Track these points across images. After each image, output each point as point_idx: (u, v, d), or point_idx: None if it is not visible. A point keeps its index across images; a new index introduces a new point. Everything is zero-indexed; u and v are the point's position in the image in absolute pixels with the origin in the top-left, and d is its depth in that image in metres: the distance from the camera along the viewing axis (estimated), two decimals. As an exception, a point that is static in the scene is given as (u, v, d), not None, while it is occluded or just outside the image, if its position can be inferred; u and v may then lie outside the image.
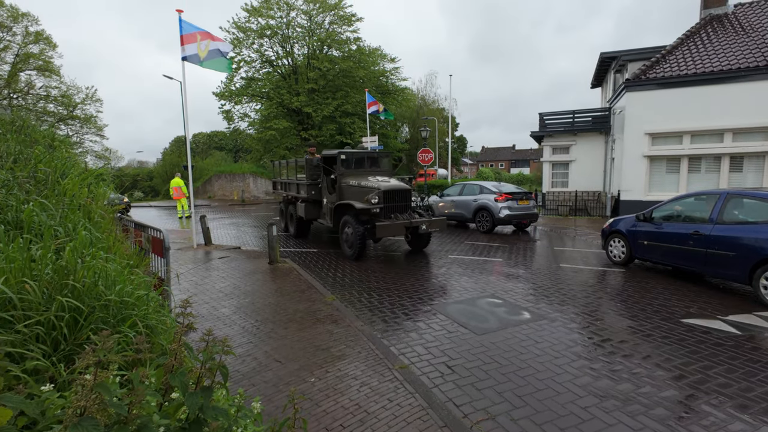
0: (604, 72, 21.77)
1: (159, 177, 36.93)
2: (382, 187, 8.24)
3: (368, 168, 9.78)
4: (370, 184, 8.48)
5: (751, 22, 14.96)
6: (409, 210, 8.80)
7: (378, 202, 8.08)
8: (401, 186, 8.68)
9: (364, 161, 9.88)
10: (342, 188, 9.21)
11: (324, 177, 9.84)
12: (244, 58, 30.63)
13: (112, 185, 5.48)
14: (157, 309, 2.45)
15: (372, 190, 8.29)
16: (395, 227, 8.17)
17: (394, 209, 8.56)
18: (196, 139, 58.01)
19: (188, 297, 5.77)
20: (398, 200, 8.60)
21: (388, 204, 8.37)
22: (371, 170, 9.68)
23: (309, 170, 10.16)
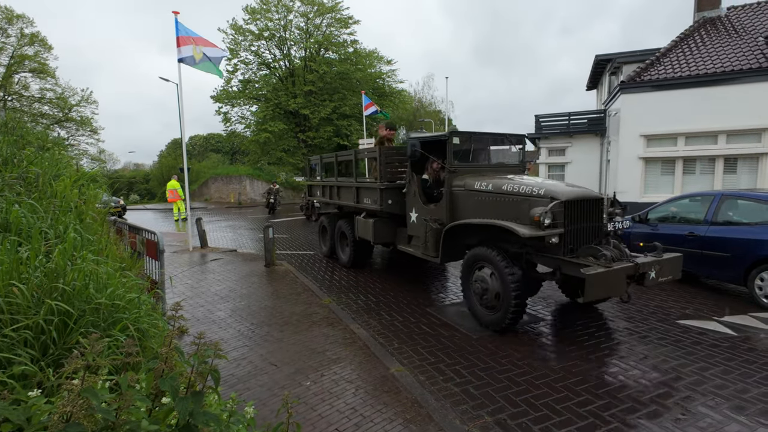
0: (599, 74, 21.90)
1: (155, 179, 36.79)
2: (560, 195, 4.39)
3: (490, 162, 6.09)
4: (524, 189, 4.68)
5: (744, 25, 15.11)
6: (604, 236, 4.73)
7: (554, 222, 4.23)
8: (589, 193, 4.72)
9: (485, 150, 6.20)
10: (456, 196, 5.40)
11: (412, 177, 6.09)
12: (242, 60, 30.62)
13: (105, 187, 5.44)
14: (149, 312, 2.42)
15: (535, 200, 4.49)
16: (614, 278, 4.03)
17: (581, 235, 4.53)
18: (193, 142, 57.84)
19: (182, 300, 5.72)
20: (587, 219, 4.59)
21: (574, 225, 4.45)
22: (497, 167, 5.98)
23: (384, 165, 6.52)
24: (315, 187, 9.90)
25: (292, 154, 30.51)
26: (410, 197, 6.22)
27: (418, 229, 5.99)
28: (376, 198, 6.60)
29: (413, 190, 6.12)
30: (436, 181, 6.11)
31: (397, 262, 8.68)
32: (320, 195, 9.40)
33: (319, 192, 9.43)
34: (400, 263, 8.52)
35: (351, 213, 7.93)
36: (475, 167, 5.81)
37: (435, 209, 5.72)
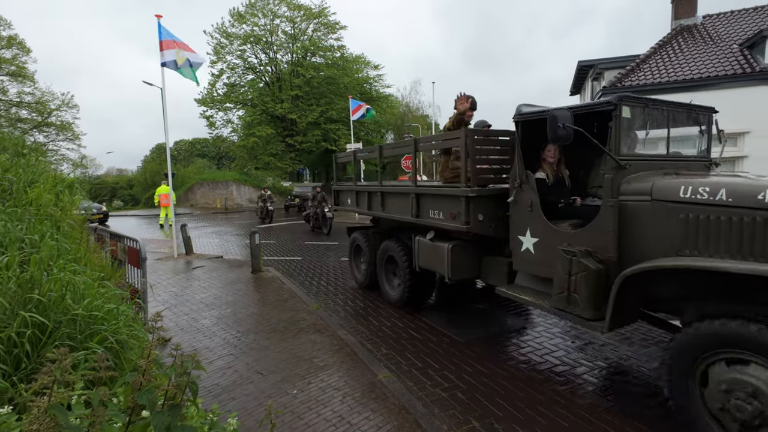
0: (582, 80, 22.35)
1: (139, 185, 36.13)
2: None
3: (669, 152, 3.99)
4: None
5: (719, 33, 15.61)
6: None
7: None
8: None
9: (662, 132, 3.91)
10: (635, 211, 3.11)
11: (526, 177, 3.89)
12: (228, 64, 30.41)
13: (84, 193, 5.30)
14: (129, 323, 2.36)
15: None
16: None
17: None
18: (178, 147, 57.08)
19: (166, 308, 5.61)
20: None
21: None
22: (674, 160, 3.99)
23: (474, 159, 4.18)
24: (344, 194, 7.41)
25: (280, 159, 30.34)
26: (522, 211, 3.85)
27: (543, 265, 3.64)
28: (457, 211, 4.20)
29: (529, 200, 3.75)
30: (558, 182, 4.02)
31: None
32: (352, 203, 7.00)
33: (351, 200, 7.02)
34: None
35: (399, 229, 5.88)
36: (658, 160, 3.63)
37: (582, 234, 3.35)
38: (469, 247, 4.57)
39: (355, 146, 20.22)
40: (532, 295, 3.84)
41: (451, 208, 4.37)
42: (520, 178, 3.87)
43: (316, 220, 14.20)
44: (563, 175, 4.17)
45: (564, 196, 4.03)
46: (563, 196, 4.02)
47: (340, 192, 7.66)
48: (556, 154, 4.07)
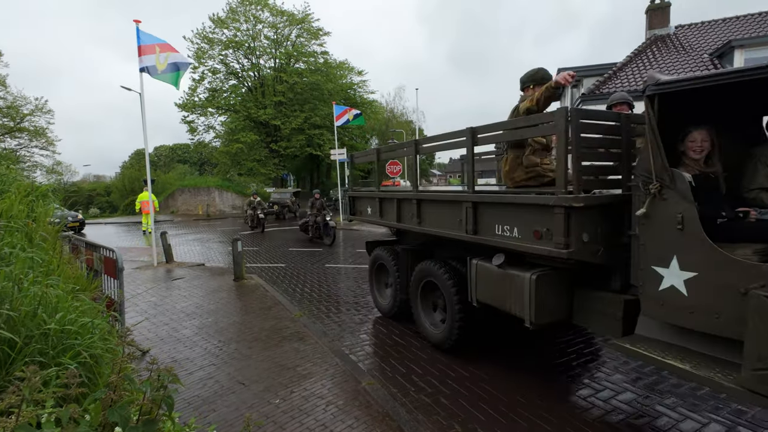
0: (561, 87, 22.88)
1: (117, 192, 35.22)
2: None
3: None
4: None
5: (690, 43, 16.26)
6: None
7: None
8: None
9: None
10: None
11: (672, 178, 2.54)
12: (209, 69, 30.08)
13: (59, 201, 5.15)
14: (104, 336, 2.30)
15: None
16: None
17: None
18: (158, 152, 55.98)
19: (144, 319, 5.48)
20: None
21: None
22: None
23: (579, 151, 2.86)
24: (363, 201, 6.01)
25: (263, 165, 30.08)
26: (662, 230, 2.62)
27: (704, 314, 2.41)
28: (546, 228, 2.99)
29: (676, 213, 2.53)
30: (710, 185, 2.72)
31: (370, 272, 8.64)
32: (373, 213, 5.56)
33: (372, 208, 5.58)
34: (372, 274, 8.49)
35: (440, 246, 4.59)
36: None
37: None
38: (560, 278, 3.20)
39: (338, 152, 20.21)
40: (678, 356, 2.50)
41: (534, 222, 3.03)
42: (660, 180, 2.57)
43: (317, 229, 12.96)
44: (717, 174, 2.78)
45: (722, 206, 2.64)
46: (721, 206, 2.64)
47: (356, 199, 6.24)
48: (706, 145, 2.72)
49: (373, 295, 5.92)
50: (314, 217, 13.02)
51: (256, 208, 16.67)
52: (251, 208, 17.01)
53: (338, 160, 20.42)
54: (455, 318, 4.07)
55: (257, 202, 17.00)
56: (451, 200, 4.03)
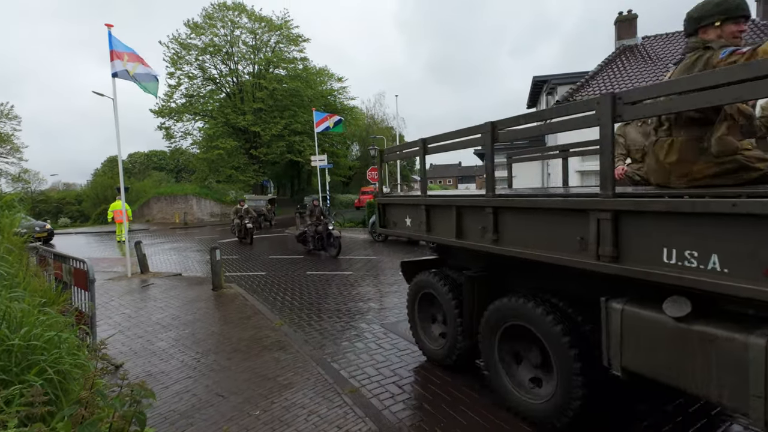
0: (537, 94, 23.53)
1: (89, 200, 34.00)
2: None
3: None
4: None
5: (656, 53, 17.00)
6: None
7: None
8: None
9: None
10: None
11: None
12: (186, 74, 29.56)
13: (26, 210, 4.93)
14: (73, 351, 2.20)
15: None
16: None
17: None
18: (133, 159, 54.46)
19: (117, 332, 5.29)
20: None
21: None
22: None
23: None
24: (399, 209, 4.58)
25: (242, 171, 29.65)
26: None
27: None
28: None
29: None
30: None
31: (351, 279, 8.62)
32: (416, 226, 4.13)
33: (414, 220, 4.17)
34: (354, 281, 8.47)
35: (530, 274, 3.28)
36: None
37: None
38: None
39: (319, 158, 20.13)
40: None
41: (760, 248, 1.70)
42: None
43: (319, 240, 11.43)
44: None
45: None
46: None
47: (389, 207, 4.80)
48: None
49: (416, 336, 4.48)
50: (314, 226, 11.68)
51: (244, 217, 15.20)
52: (238, 216, 15.57)
53: (319, 166, 20.34)
54: (572, 388, 2.69)
55: (245, 210, 15.62)
56: (562, 208, 2.53)
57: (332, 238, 11.02)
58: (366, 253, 12.02)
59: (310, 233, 11.68)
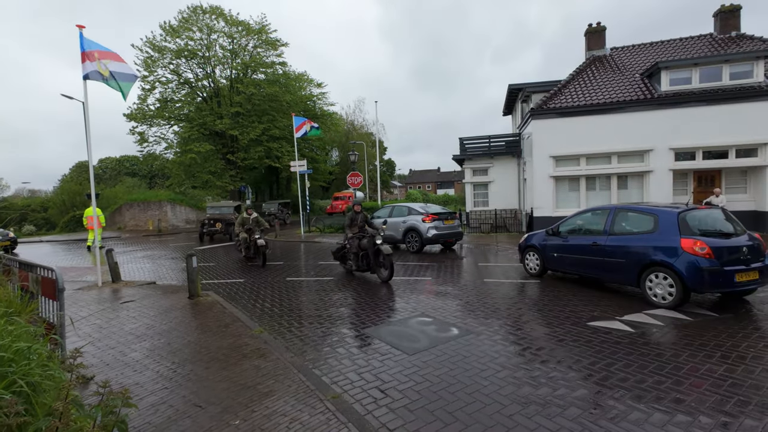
0: (513, 101, 24.14)
1: (55, 207, 32.54)
2: None
3: None
4: None
5: (624, 63, 17.75)
6: None
7: None
8: None
9: None
10: None
11: None
12: (159, 79, 28.85)
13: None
14: (43, 362, 2.11)
15: None
16: None
17: None
18: (103, 165, 52.59)
19: (88, 343, 5.09)
20: None
21: None
22: None
23: None
24: None
25: (219, 177, 29.05)
26: None
27: None
28: None
29: None
30: None
31: (331, 285, 8.56)
32: None
33: None
34: (334, 286, 8.42)
35: None
36: None
37: None
38: None
39: (298, 164, 19.97)
40: None
41: None
42: None
43: (363, 258, 8.86)
44: None
45: None
46: None
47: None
48: None
49: None
50: (357, 239, 8.88)
51: (254, 230, 11.42)
52: (245, 229, 11.66)
53: (298, 171, 20.17)
54: None
55: (254, 221, 11.72)
56: None
57: (382, 256, 8.42)
58: (346, 259, 11.97)
59: (353, 248, 8.96)
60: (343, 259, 9.61)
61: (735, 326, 5.23)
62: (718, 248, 5.80)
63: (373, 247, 8.55)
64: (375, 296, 7.41)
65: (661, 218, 6.37)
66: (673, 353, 4.40)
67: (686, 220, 6.20)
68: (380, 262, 8.52)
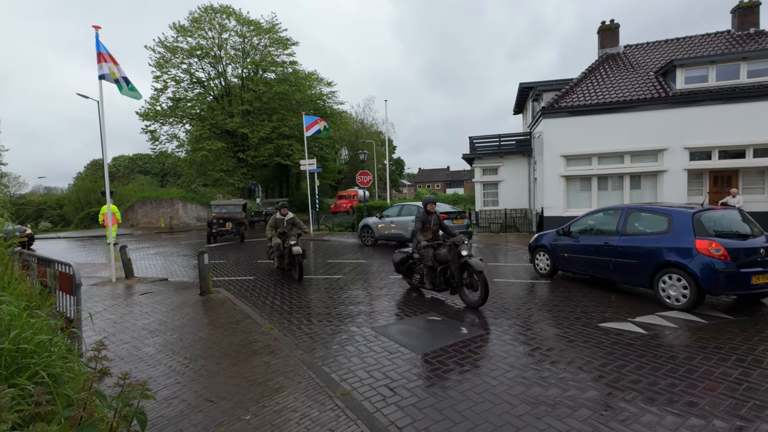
0: (523, 100, 23.94)
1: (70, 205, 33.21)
2: None
3: None
4: None
5: (638, 61, 17.47)
6: None
7: None
8: None
9: None
10: None
11: None
12: (173, 78, 29.23)
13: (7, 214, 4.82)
14: (63, 355, 2.17)
15: None
16: None
17: None
18: (117, 163, 53.46)
19: (103, 337, 5.20)
20: None
21: None
22: None
23: None
24: None
25: (230, 174, 29.35)
26: None
27: None
28: None
29: None
30: None
31: (341, 283, 8.61)
32: None
33: None
34: (344, 284, 8.46)
35: None
36: None
37: None
38: None
39: (308, 162, 20.07)
40: None
41: None
42: None
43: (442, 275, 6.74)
44: None
45: None
46: None
47: None
48: None
49: None
50: (433, 249, 6.90)
51: (289, 235, 9.33)
52: (279, 233, 9.59)
53: (308, 170, 20.27)
54: None
55: (289, 222, 9.68)
56: None
57: (470, 272, 6.32)
58: (355, 257, 12.03)
59: (427, 260, 6.88)
60: (409, 272, 7.66)
61: (751, 329, 5.13)
62: (734, 250, 5.70)
63: (457, 261, 6.37)
64: (384, 295, 7.42)
65: (675, 219, 6.28)
66: (686, 356, 4.34)
67: (701, 220, 6.10)
68: (466, 280, 6.41)
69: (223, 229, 17.34)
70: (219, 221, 17.42)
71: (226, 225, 17.36)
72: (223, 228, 17.34)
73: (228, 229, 17.37)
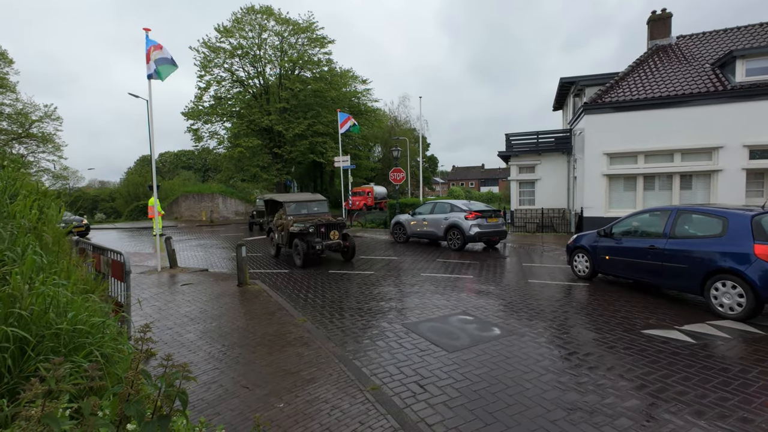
0: (564, 95, 23.02)
1: (121, 198, 35.45)
2: None
3: None
4: None
5: (692, 53, 16.34)
6: None
7: None
8: None
9: None
10: None
11: None
12: (215, 78, 30.43)
13: (66, 206, 5.21)
14: (114, 337, 2.32)
15: None
16: None
17: None
18: (163, 159, 56.42)
19: (150, 322, 5.51)
20: None
21: None
22: None
23: None
24: None
25: (266, 170, 30.24)
26: None
27: None
28: None
29: None
30: None
31: (373, 279, 8.67)
32: None
33: None
34: (375, 280, 8.52)
35: None
36: None
37: None
38: None
39: (342, 159, 20.31)
40: None
41: None
42: None
43: None
44: None
45: None
46: None
47: None
48: None
49: None
50: None
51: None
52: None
53: (342, 167, 20.52)
54: None
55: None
56: None
57: None
58: (387, 254, 12.07)
59: None
60: None
61: (817, 343, 4.69)
62: (798, 256, 5.22)
63: None
64: (415, 292, 7.41)
65: (731, 221, 5.84)
66: (741, 369, 4.04)
67: (761, 224, 5.63)
68: None
69: (330, 242, 10.27)
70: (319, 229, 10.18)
71: (332, 235, 10.31)
72: (329, 241, 10.27)
73: (335, 242, 10.33)
